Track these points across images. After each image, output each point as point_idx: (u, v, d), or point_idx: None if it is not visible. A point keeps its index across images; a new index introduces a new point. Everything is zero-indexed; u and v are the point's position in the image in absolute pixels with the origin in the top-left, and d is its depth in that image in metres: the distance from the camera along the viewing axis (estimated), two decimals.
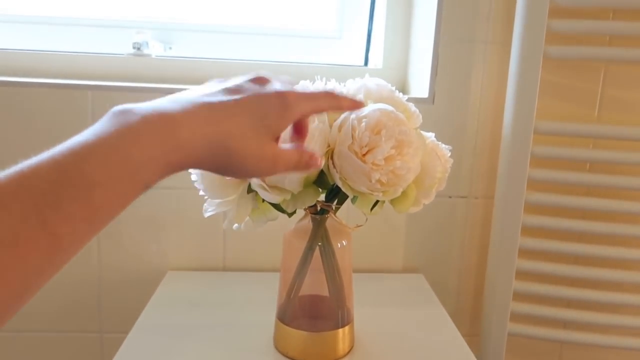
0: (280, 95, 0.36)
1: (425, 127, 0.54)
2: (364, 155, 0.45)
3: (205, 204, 0.54)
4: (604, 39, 0.76)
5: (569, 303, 0.80)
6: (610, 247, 0.75)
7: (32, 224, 0.25)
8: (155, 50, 0.85)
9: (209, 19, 0.90)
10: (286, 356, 0.56)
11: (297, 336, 0.55)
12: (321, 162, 0.39)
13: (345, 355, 0.57)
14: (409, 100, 0.70)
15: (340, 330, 0.56)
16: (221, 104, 0.33)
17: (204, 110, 0.32)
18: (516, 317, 0.78)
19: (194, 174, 0.52)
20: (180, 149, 0.31)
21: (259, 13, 0.92)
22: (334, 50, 0.93)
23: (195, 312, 0.66)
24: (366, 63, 0.94)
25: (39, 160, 0.27)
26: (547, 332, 0.78)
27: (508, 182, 0.73)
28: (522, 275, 0.76)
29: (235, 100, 0.34)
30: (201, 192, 0.52)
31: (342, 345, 0.56)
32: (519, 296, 0.77)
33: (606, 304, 0.77)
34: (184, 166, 0.32)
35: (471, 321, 0.85)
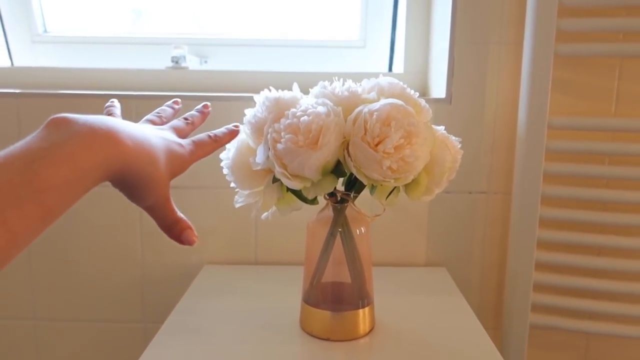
0: (185, 150, 0.44)
1: (443, 125, 0.58)
2: (375, 145, 0.50)
3: (236, 196, 0.60)
4: (617, 35, 0.78)
5: (594, 294, 0.81)
6: (630, 238, 0.77)
7: None
8: (191, 63, 0.93)
9: (240, 34, 0.97)
10: (311, 335, 0.61)
11: (320, 316, 0.60)
12: (193, 241, 0.44)
13: (366, 335, 0.61)
14: (427, 101, 0.74)
15: (361, 310, 0.60)
16: (151, 135, 0.40)
17: (138, 135, 0.38)
18: (537, 308, 0.79)
19: (225, 168, 0.58)
20: (119, 161, 0.36)
21: (287, 27, 0.99)
22: (358, 58, 0.98)
23: (228, 299, 0.71)
24: (390, 69, 0.99)
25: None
26: (570, 322, 0.80)
27: (524, 176, 0.76)
28: (541, 267, 0.79)
29: (162, 138, 0.42)
30: (232, 184, 0.58)
31: (363, 325, 0.60)
32: (539, 287, 0.79)
33: (629, 295, 0.78)
34: (114, 176, 0.36)
35: (495, 314, 0.88)
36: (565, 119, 0.77)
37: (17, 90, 0.83)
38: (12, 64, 0.96)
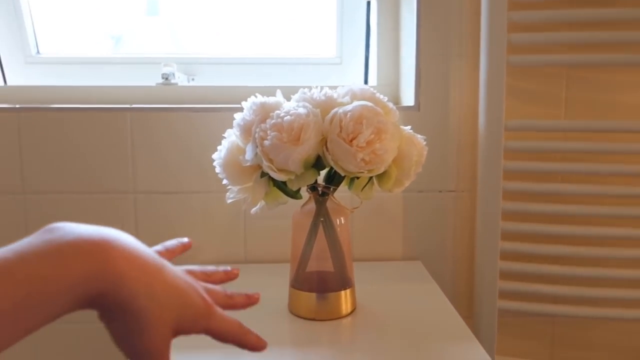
0: (209, 309, 0.36)
1: (413, 131, 0.66)
2: (350, 140, 0.57)
3: (227, 193, 0.66)
4: (562, 47, 0.88)
5: (555, 279, 0.89)
6: (583, 227, 0.85)
7: None
8: (180, 80, 1.00)
9: (224, 53, 1.05)
10: (298, 316, 0.67)
11: (306, 298, 0.66)
12: None
13: (348, 315, 0.67)
14: (398, 108, 0.82)
15: (343, 292, 0.67)
16: (169, 275, 0.34)
17: (149, 265, 0.31)
18: (505, 295, 0.87)
19: (218, 167, 0.65)
20: (104, 281, 0.28)
21: (270, 45, 1.07)
22: (336, 74, 1.07)
23: None
24: (366, 82, 1.07)
25: None
26: (535, 306, 0.87)
27: (486, 175, 0.84)
28: (506, 256, 0.86)
29: (182, 282, 0.35)
30: (224, 181, 0.65)
31: (345, 306, 0.67)
32: (505, 275, 0.87)
33: (588, 278, 0.86)
34: (96, 302, 0.28)
35: (467, 304, 0.95)
36: (520, 122, 0.86)
37: (17, 105, 0.88)
38: (5, 83, 1.01)
